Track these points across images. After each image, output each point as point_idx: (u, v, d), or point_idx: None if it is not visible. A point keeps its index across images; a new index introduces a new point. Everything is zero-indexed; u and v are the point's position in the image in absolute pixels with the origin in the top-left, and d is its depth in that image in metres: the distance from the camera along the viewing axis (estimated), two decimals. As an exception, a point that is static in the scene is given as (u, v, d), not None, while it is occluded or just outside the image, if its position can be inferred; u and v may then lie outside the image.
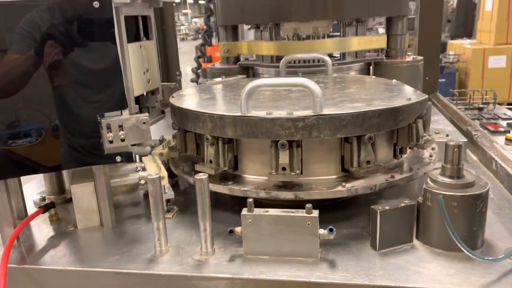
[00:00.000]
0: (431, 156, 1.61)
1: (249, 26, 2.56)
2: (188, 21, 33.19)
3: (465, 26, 11.80)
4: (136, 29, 1.87)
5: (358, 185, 1.39)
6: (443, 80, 6.93)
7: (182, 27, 30.64)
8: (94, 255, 1.37)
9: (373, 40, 2.28)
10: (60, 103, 1.36)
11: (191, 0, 37.13)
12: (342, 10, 2.12)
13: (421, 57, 2.40)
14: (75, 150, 1.42)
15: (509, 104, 7.37)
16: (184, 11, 34.50)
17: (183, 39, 28.62)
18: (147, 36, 1.91)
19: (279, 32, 2.30)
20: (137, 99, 1.88)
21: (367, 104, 1.43)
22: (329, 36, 2.27)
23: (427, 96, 1.55)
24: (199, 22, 31.70)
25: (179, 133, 1.65)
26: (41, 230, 1.55)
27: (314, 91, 1.33)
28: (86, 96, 1.37)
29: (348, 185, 1.39)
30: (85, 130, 1.40)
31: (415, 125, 1.48)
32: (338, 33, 2.31)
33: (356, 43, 2.22)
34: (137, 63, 1.74)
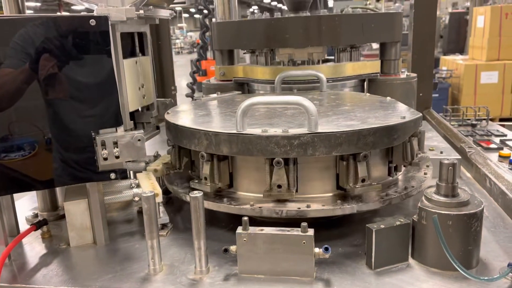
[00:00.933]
0: (425, 173, 1.62)
1: (245, 51, 2.59)
2: (183, 35, 33.37)
3: (457, 42, 11.97)
4: (132, 45, 1.88)
5: (353, 203, 1.38)
6: (437, 95, 6.99)
7: (177, 41, 30.79)
8: (87, 273, 1.35)
9: (367, 65, 2.32)
10: (54, 120, 1.35)
11: (186, 14, 37.38)
12: (337, 36, 2.16)
13: (414, 74, 2.43)
14: (68, 166, 1.41)
15: (501, 119, 7.45)
16: (179, 24, 34.71)
17: (178, 53, 28.75)
18: (143, 52, 1.92)
19: (274, 57, 2.33)
20: (132, 115, 1.88)
21: (362, 122, 1.44)
22: (324, 60, 2.30)
23: (421, 114, 1.56)
24: (195, 36, 31.87)
25: (173, 150, 1.65)
26: (33, 247, 1.53)
27: (309, 109, 1.33)
28: (81, 113, 1.37)
29: (344, 203, 1.39)
30: (79, 146, 1.39)
31: (410, 143, 1.49)
32: (332, 57, 2.35)
33: (350, 68, 2.26)
34: (132, 78, 1.74)
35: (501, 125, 3.30)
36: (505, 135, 2.81)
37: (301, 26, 2.13)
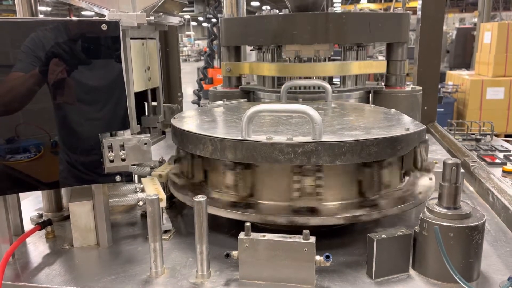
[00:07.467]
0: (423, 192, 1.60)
1: (252, 47, 2.61)
2: (191, 43, 33.61)
3: (464, 57, 12.01)
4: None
5: (355, 213, 1.39)
6: (442, 109, 7.00)
7: (185, 49, 30.99)
8: (89, 274, 1.36)
9: (373, 64, 2.33)
10: (62, 123, 1.37)
11: (194, 22, 37.68)
12: (344, 34, 2.17)
13: (420, 87, 2.44)
14: (75, 168, 1.43)
15: (506, 135, 7.43)
16: (187, 32, 34.95)
17: (185, 60, 28.93)
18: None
19: (281, 54, 2.35)
20: (139, 119, 1.90)
21: (366, 132, 1.45)
22: (330, 60, 2.31)
23: (425, 126, 1.57)
24: (202, 44, 32.10)
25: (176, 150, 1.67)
26: (37, 247, 1.54)
27: (314, 118, 1.35)
28: (89, 116, 1.39)
29: (346, 212, 1.40)
30: (86, 149, 1.40)
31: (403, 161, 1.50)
32: (339, 58, 2.36)
33: (357, 67, 2.26)
34: (138, 60, 1.75)
35: (506, 141, 3.30)
36: (509, 151, 2.81)
37: (309, 23, 2.14)
